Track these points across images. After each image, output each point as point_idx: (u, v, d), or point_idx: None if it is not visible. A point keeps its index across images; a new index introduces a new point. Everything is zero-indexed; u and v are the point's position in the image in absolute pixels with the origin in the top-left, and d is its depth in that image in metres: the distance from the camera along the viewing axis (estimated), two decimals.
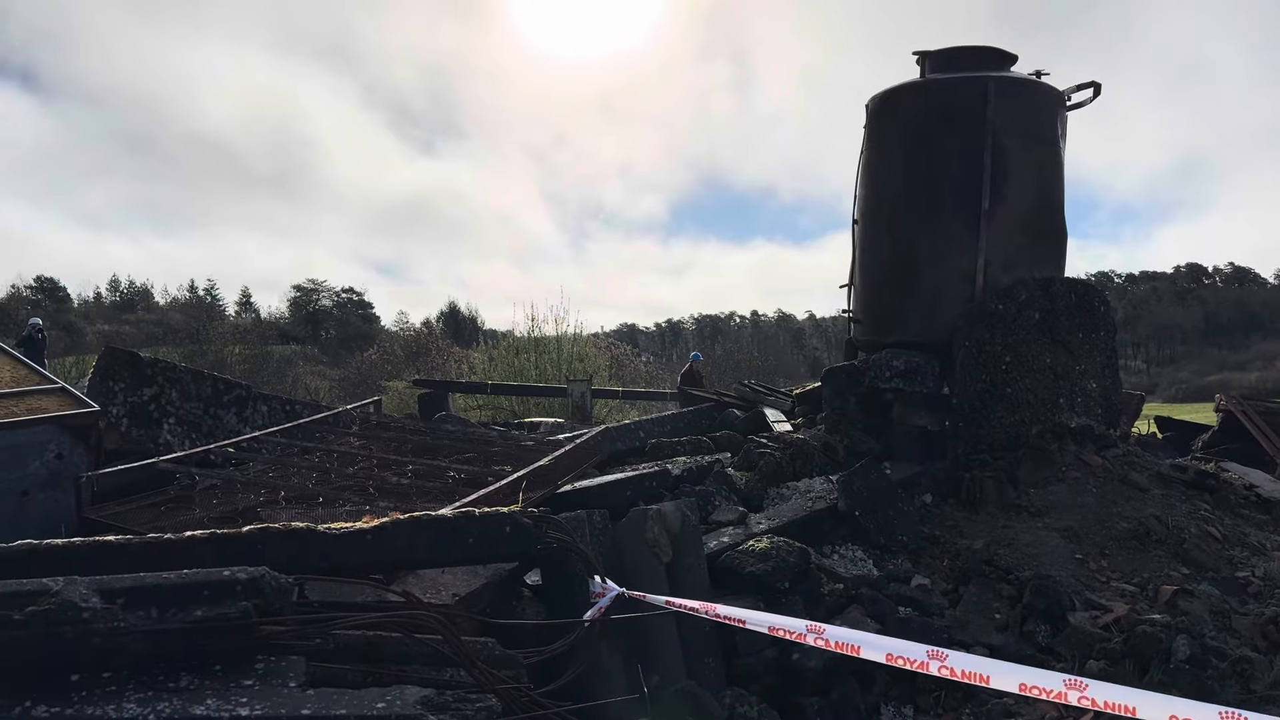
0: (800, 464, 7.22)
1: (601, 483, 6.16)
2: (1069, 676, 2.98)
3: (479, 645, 3.61)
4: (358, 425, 6.69)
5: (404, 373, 31.67)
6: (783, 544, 5.48)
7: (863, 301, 8.89)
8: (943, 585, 5.99)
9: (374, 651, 3.30)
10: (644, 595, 4.07)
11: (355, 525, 3.47)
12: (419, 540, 3.52)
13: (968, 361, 7.54)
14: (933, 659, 3.18)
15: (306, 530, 3.35)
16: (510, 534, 3.74)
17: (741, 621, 3.66)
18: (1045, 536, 6.40)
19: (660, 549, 4.86)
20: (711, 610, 3.81)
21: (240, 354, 35.81)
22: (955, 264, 7.95)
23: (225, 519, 4.72)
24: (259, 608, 2.87)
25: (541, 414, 19.58)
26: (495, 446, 6.49)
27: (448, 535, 3.58)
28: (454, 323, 65.65)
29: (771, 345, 54.14)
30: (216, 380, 7.06)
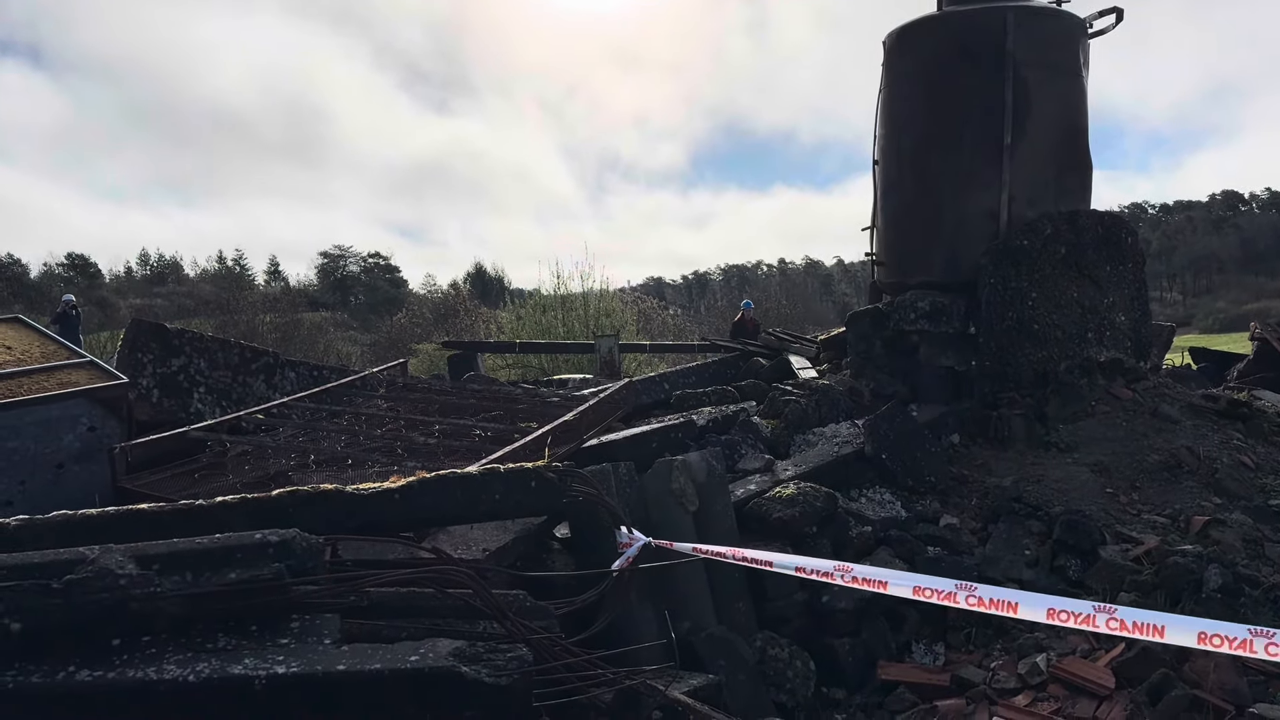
0: (826, 410, 7.20)
1: (627, 435, 6.19)
2: (1098, 603, 2.98)
3: (510, 598, 3.67)
4: (384, 388, 6.75)
5: (433, 335, 31.80)
6: (809, 489, 5.50)
7: (885, 243, 8.82)
8: (972, 524, 6.00)
9: (407, 607, 3.37)
10: (670, 544, 4.10)
11: (383, 485, 3.52)
12: (445, 498, 3.57)
13: (993, 299, 7.47)
14: (961, 590, 3.20)
15: (335, 492, 3.41)
16: (535, 489, 3.78)
17: (768, 564, 3.69)
18: (1075, 472, 6.38)
19: (686, 499, 4.88)
20: (738, 554, 3.84)
21: (271, 323, 36.10)
22: (978, 201, 7.86)
23: (257, 484, 4.80)
24: (291, 568, 2.93)
25: (570, 371, 19.60)
26: (521, 404, 6.53)
27: (474, 492, 3.62)
28: (481, 283, 65.48)
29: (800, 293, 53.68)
30: (244, 348, 7.11)
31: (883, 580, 3.28)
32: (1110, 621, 2.83)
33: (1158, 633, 2.72)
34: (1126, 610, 2.85)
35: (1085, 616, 2.92)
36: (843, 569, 3.44)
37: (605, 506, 4.11)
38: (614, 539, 4.16)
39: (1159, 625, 2.73)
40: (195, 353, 6.69)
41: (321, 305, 63.15)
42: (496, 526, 4.45)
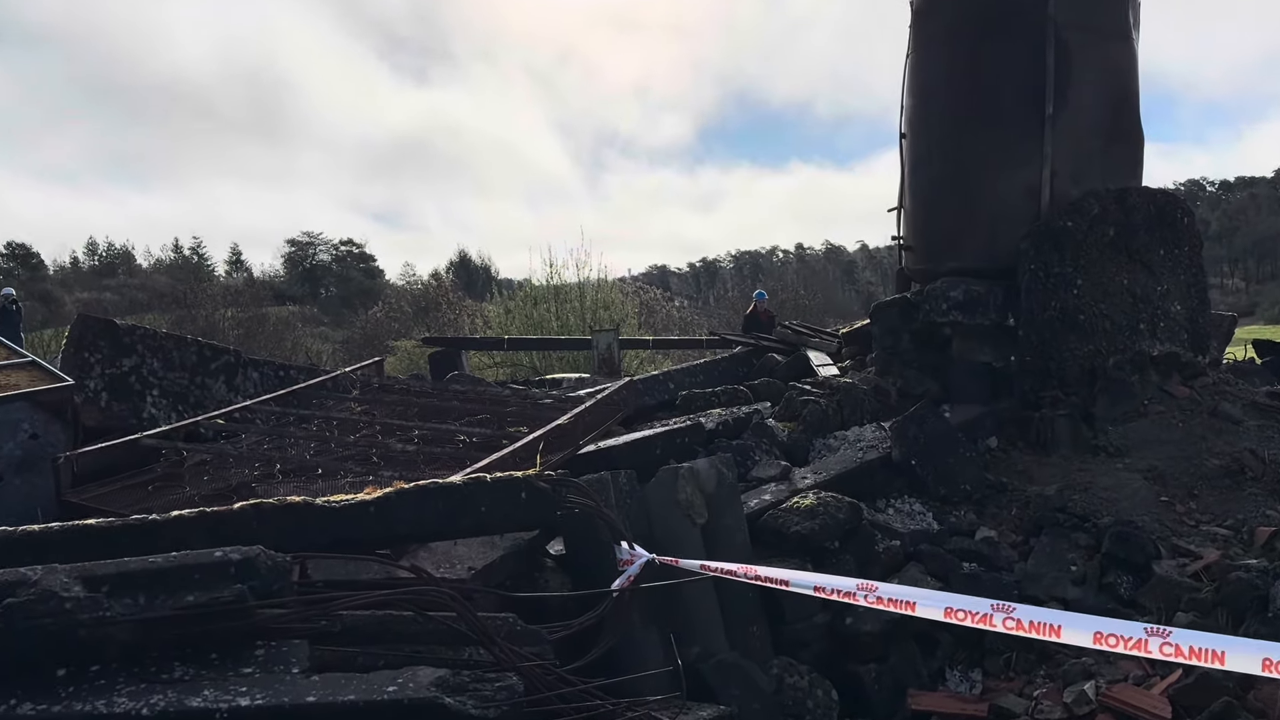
0: (848, 411, 7.23)
1: (627, 441, 6.21)
2: (1150, 625, 2.97)
3: (498, 621, 3.67)
4: (358, 389, 6.76)
5: (412, 331, 31.85)
6: (831, 499, 5.52)
7: (914, 226, 8.81)
8: (1011, 537, 6.01)
9: (384, 632, 3.37)
10: (676, 561, 4.11)
11: (357, 497, 3.53)
12: (426, 510, 3.58)
13: (1034, 287, 7.46)
14: (997, 611, 3.20)
15: (304, 504, 3.41)
16: (526, 500, 3.78)
17: (784, 583, 3.69)
18: (1126, 478, 6.38)
19: (694, 510, 4.89)
20: (751, 573, 3.85)
21: (233, 318, 36.14)
22: (1017, 177, 7.86)
23: (217, 497, 4.80)
24: (255, 590, 2.94)
25: (565, 370, 19.60)
26: (510, 407, 6.54)
27: (457, 504, 3.63)
28: (465, 273, 65.63)
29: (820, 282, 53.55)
30: (202, 346, 7.12)
31: (911, 601, 3.28)
32: (1165, 647, 2.81)
33: (1218, 659, 2.71)
34: (1183, 633, 2.83)
35: (1137, 641, 2.91)
36: (866, 588, 3.44)
37: (604, 520, 4.12)
38: (613, 556, 4.16)
39: (1219, 650, 2.71)
40: (148, 352, 6.69)
41: (289, 298, 63.22)
42: (483, 543, 4.45)
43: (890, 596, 3.36)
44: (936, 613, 3.24)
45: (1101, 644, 2.95)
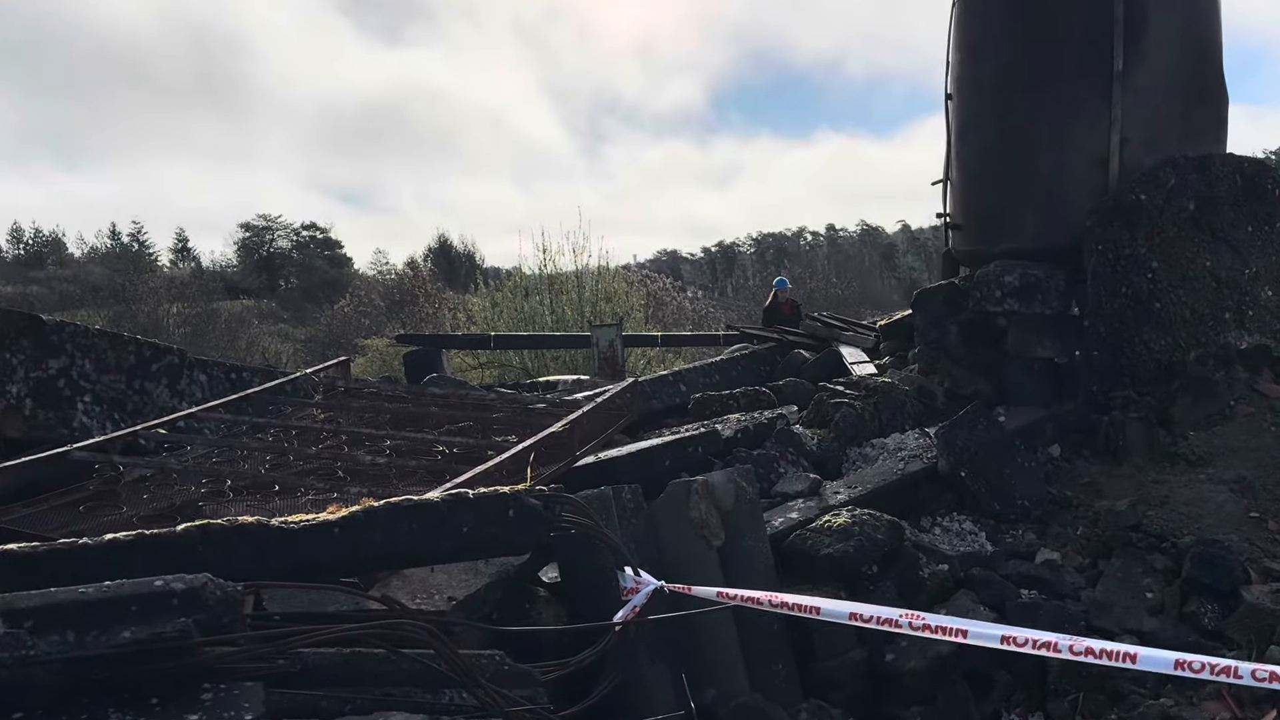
0: (887, 415, 7.22)
1: (633, 451, 6.22)
2: None
3: (483, 660, 3.69)
4: (321, 394, 6.77)
5: (385, 328, 31.87)
6: (867, 518, 5.53)
7: (962, 201, 8.79)
8: (1077, 560, 5.99)
9: (352, 672, 3.38)
10: (688, 588, 4.10)
11: (319, 517, 3.52)
12: (399, 532, 3.57)
13: (1102, 270, 7.43)
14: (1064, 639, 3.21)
15: (258, 526, 3.41)
16: (515, 519, 3.78)
17: (814, 610, 3.69)
18: (1209, 491, 6.33)
19: (709, 530, 4.89)
20: (775, 600, 3.84)
21: (179, 314, 36.25)
22: (1082, 144, 7.82)
23: (159, 517, 4.79)
24: (201, 624, 2.93)
25: (561, 370, 19.59)
26: (497, 413, 6.54)
27: (435, 524, 3.63)
28: (446, 261, 66.33)
29: (854, 268, 53.30)
30: (141, 345, 7.12)
31: (962, 628, 3.27)
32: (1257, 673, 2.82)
33: None
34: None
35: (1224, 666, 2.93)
36: (911, 615, 3.44)
37: (605, 542, 4.12)
38: (616, 583, 4.16)
39: None
40: (79, 352, 6.71)
41: (243, 291, 63.65)
42: (466, 569, 4.46)
43: (939, 624, 3.36)
44: (992, 640, 3.24)
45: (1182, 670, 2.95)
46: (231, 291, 58.80)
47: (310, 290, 66.68)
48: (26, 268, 69.02)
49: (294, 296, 68.14)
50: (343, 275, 68.61)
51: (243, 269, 74.38)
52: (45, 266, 69.05)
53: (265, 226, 78.41)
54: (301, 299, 64.87)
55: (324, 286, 64.14)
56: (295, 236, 79.62)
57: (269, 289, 71.49)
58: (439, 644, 3.15)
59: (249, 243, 77.93)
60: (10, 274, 65.64)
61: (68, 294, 46.01)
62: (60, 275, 61.69)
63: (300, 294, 68.15)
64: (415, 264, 54.78)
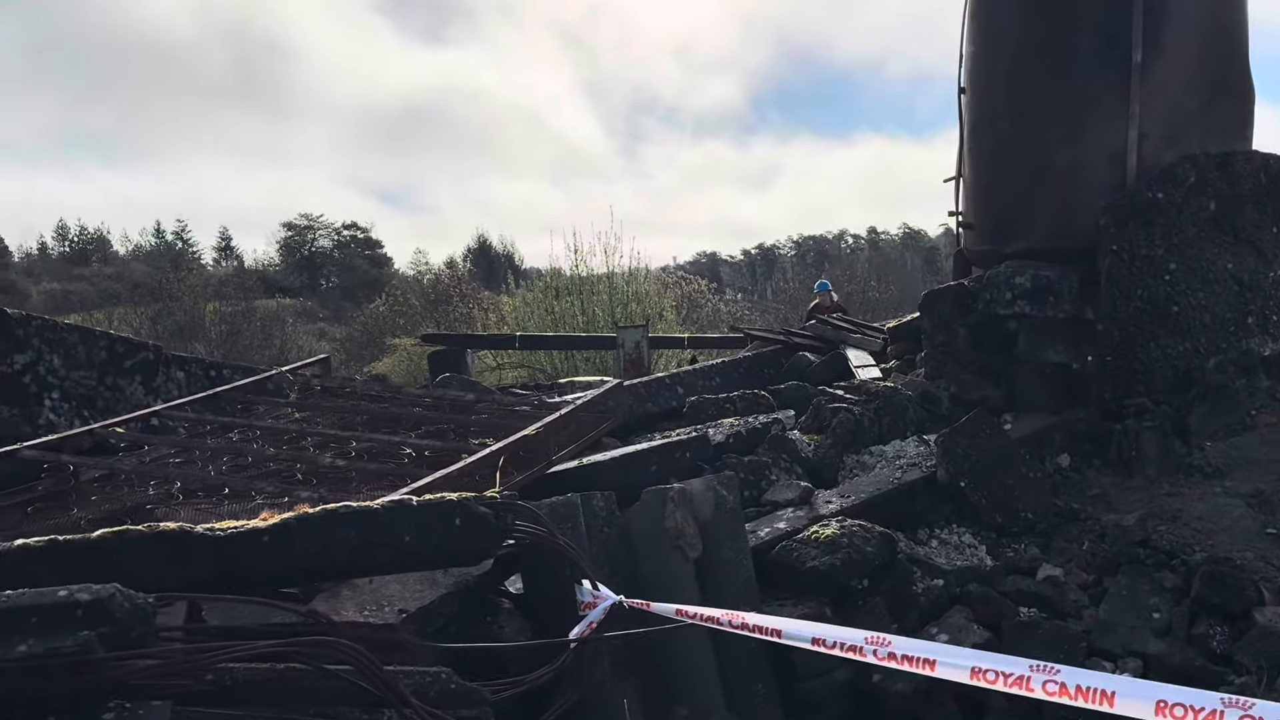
0: (888, 421, 7.10)
1: (616, 456, 6.10)
2: (1229, 696, 2.78)
3: (427, 678, 3.54)
4: (296, 393, 6.65)
5: (420, 327, 32.09)
6: (858, 529, 5.43)
7: (974, 199, 8.69)
8: (1081, 577, 5.89)
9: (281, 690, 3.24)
10: (646, 604, 3.94)
11: (248, 524, 3.39)
12: (334, 540, 3.43)
13: (1117, 272, 7.28)
14: (1037, 674, 3.02)
15: (180, 533, 3.28)
16: (461, 528, 3.62)
17: (776, 633, 3.52)
18: (1225, 505, 6.20)
19: (685, 540, 4.78)
20: (737, 620, 3.68)
21: (216, 312, 36.43)
22: (1098, 139, 7.71)
23: (109, 520, 4.66)
24: (107, 638, 2.81)
25: (591, 371, 19.65)
26: (477, 414, 6.41)
27: (373, 533, 3.48)
28: (485, 261, 68.20)
29: (895, 271, 53.30)
30: (114, 341, 7.06)
31: (930, 658, 3.10)
32: None
33: None
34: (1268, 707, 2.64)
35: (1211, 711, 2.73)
36: (877, 641, 3.27)
37: (562, 553, 3.96)
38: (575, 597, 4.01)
39: None
40: (47, 347, 6.62)
41: (284, 290, 65.20)
42: (422, 579, 4.32)
43: (905, 653, 3.19)
44: (961, 674, 3.06)
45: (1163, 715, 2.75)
46: (272, 290, 60.03)
47: (350, 290, 68.02)
48: (72, 265, 70.51)
49: (334, 295, 69.49)
50: (383, 275, 69.58)
51: (284, 268, 76.02)
52: (90, 264, 70.36)
53: (307, 226, 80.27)
54: (341, 298, 66.10)
55: (364, 286, 65.26)
56: (336, 236, 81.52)
57: (310, 288, 73.07)
58: (362, 661, 3.00)
59: (291, 242, 79.75)
60: (56, 271, 66.96)
61: (111, 291, 46.50)
62: (104, 273, 62.53)
63: (340, 293, 69.59)
64: (454, 264, 56.45)
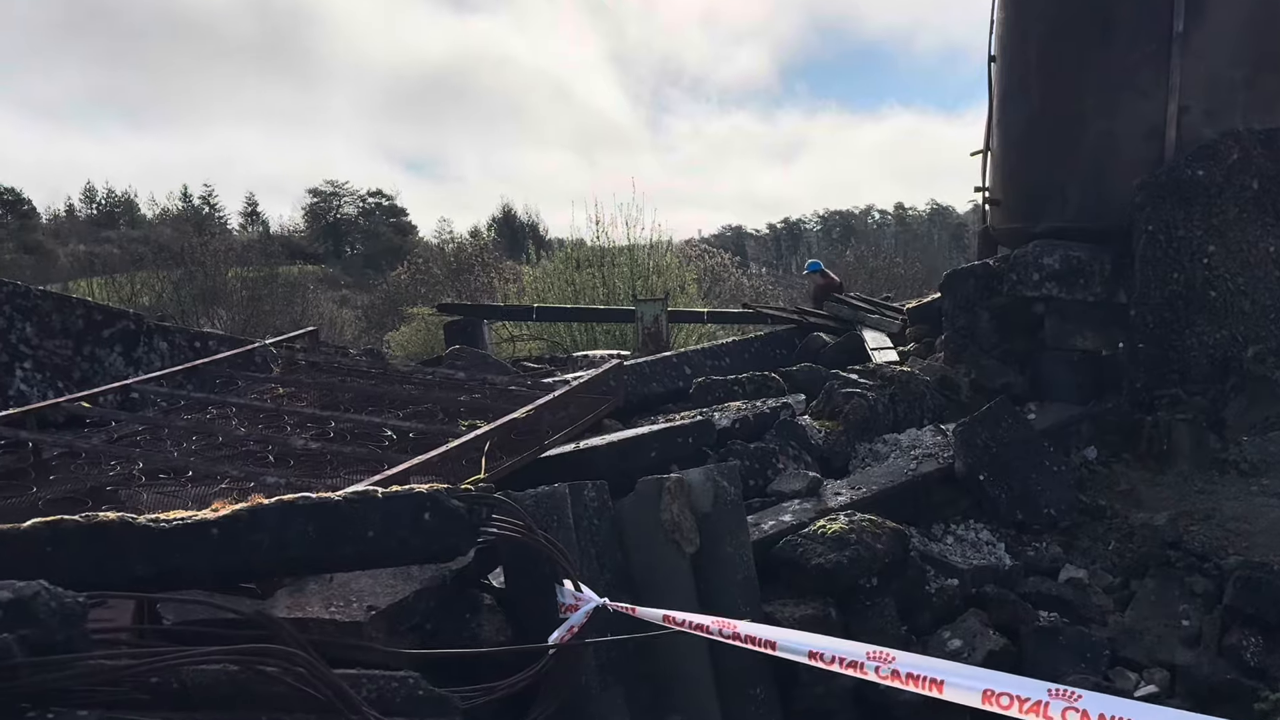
0: (904, 408, 6.99)
1: (614, 441, 5.95)
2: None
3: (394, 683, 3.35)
4: (279, 367, 6.45)
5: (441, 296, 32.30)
6: (867, 524, 5.26)
7: (1002, 174, 8.65)
8: (1107, 579, 5.79)
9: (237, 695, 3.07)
10: (632, 609, 3.72)
11: (197, 515, 3.18)
12: (291, 534, 3.22)
13: (1152, 254, 7.18)
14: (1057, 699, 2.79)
15: (120, 524, 3.07)
16: (430, 523, 3.41)
17: (770, 645, 3.29)
18: (1262, 505, 6.12)
19: (681, 535, 4.63)
20: (728, 629, 3.45)
21: (238, 277, 36.85)
22: (1134, 113, 7.60)
23: (69, 501, 4.50)
24: (28, 641, 2.64)
25: (612, 345, 19.60)
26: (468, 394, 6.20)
27: (333, 527, 3.26)
28: (509, 231, 68.80)
29: (921, 247, 53.36)
30: (91, 309, 6.99)
31: (937, 678, 2.86)
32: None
33: None
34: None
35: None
36: (879, 658, 3.03)
37: (544, 550, 3.74)
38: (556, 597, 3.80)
39: None
40: (19, 314, 6.55)
41: (310, 257, 66.59)
42: (396, 573, 4.11)
43: (910, 671, 2.95)
44: (972, 698, 2.83)
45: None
46: (299, 256, 61.38)
47: (374, 257, 69.05)
48: (99, 227, 71.71)
49: (357, 263, 70.99)
50: (407, 243, 70.22)
51: (309, 234, 77.85)
52: (118, 226, 71.77)
53: (333, 192, 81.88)
54: (364, 266, 67.29)
55: (387, 254, 65.94)
56: (362, 203, 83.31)
57: (334, 255, 74.86)
58: (310, 666, 2.80)
59: (317, 208, 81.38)
60: (84, 233, 67.99)
61: (138, 254, 46.95)
62: (131, 236, 63.14)
63: (363, 261, 71.00)
64: (478, 233, 56.86)
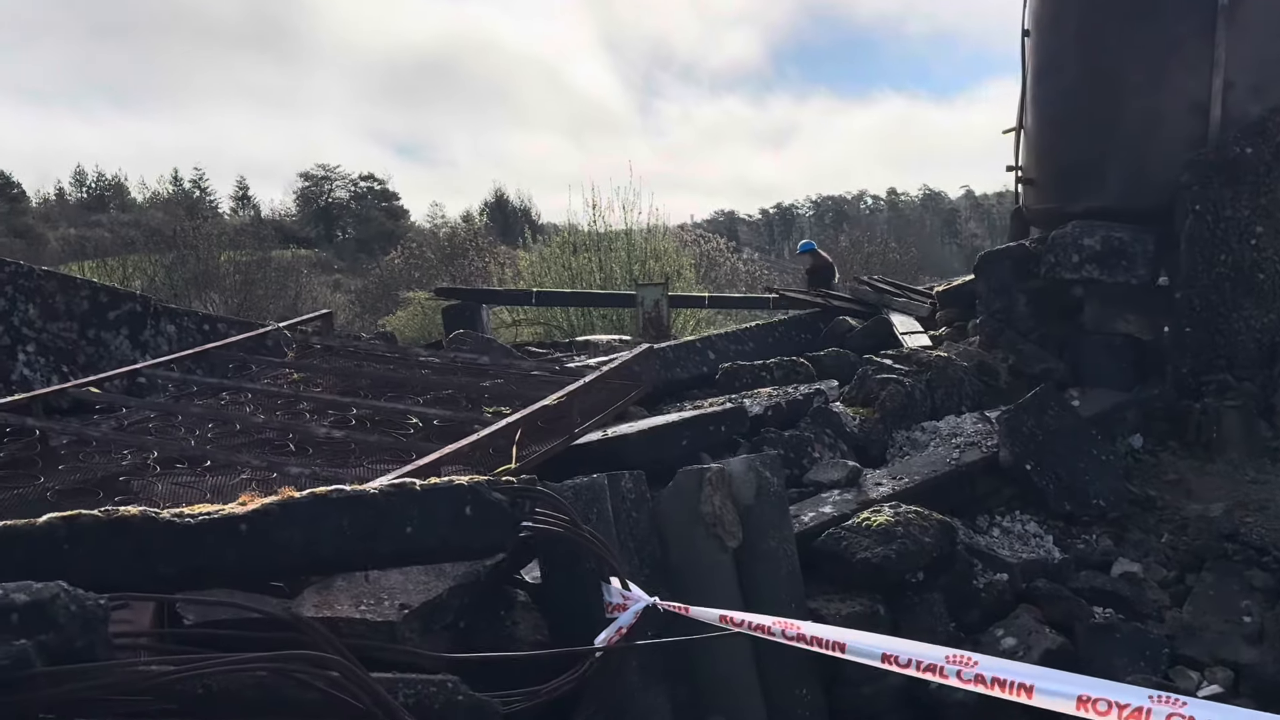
0: (941, 394, 6.89)
1: (644, 429, 5.87)
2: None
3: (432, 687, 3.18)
4: (294, 352, 6.29)
5: (435, 280, 32.66)
6: (914, 516, 5.11)
7: (1038, 152, 8.54)
8: (1161, 573, 5.65)
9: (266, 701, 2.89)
10: (684, 608, 3.54)
11: (223, 509, 2.99)
12: (323, 531, 3.03)
13: (1199, 234, 7.07)
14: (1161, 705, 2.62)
15: (143, 519, 2.88)
16: (471, 518, 3.23)
17: (839, 647, 3.11)
18: None
19: (723, 528, 4.49)
20: (791, 630, 3.27)
21: (230, 260, 37.06)
22: (1179, 87, 7.48)
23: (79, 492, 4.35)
24: (47, 648, 2.45)
25: (609, 329, 19.60)
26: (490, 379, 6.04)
27: (369, 523, 3.08)
28: (501, 216, 69.41)
29: (914, 233, 54.05)
30: (97, 290, 6.88)
31: (1026, 683, 2.69)
32: None
33: None
34: None
35: None
36: (960, 661, 2.86)
37: (588, 546, 3.55)
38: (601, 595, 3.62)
39: None
40: (22, 295, 6.43)
41: (300, 240, 66.93)
42: (429, 570, 3.94)
43: (996, 675, 2.78)
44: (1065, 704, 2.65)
45: None
46: (290, 240, 61.57)
47: (366, 242, 69.81)
48: (89, 211, 71.74)
49: (349, 247, 71.36)
50: (399, 227, 71.44)
51: (301, 218, 78.03)
52: (108, 210, 71.47)
53: (324, 176, 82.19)
54: (357, 250, 67.80)
55: (380, 238, 67.01)
56: (353, 187, 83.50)
57: (326, 239, 75.20)
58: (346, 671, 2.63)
59: (308, 192, 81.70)
60: (73, 216, 68.23)
61: (128, 238, 47.08)
62: (121, 220, 63.25)
63: (356, 245, 71.51)
64: (470, 217, 57.31)
